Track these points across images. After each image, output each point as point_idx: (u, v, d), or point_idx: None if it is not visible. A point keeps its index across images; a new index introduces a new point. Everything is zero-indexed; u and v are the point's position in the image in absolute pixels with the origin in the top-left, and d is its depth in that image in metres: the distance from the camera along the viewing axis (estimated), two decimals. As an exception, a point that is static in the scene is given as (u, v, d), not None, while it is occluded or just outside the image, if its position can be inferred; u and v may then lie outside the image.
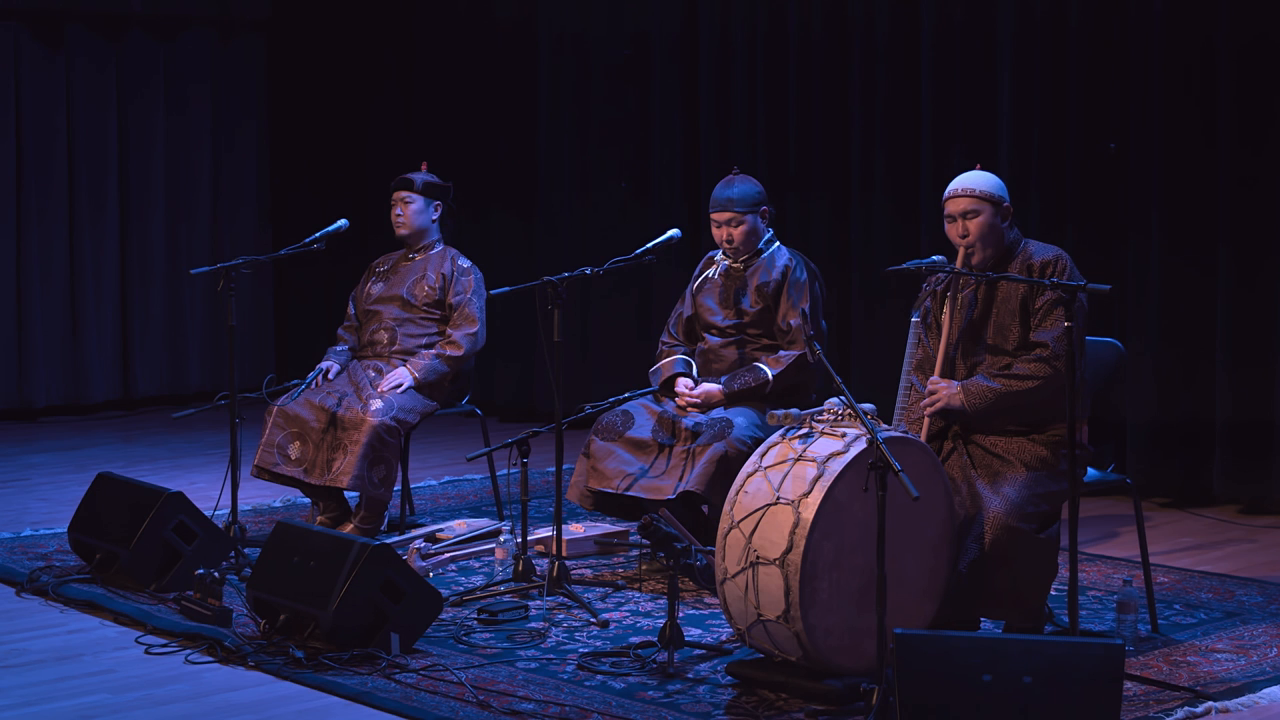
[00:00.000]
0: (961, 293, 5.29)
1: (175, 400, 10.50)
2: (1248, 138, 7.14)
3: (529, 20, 9.76)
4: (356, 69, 10.69)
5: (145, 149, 10.40)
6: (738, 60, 8.84)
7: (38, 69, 9.99)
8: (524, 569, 5.90)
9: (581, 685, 4.93)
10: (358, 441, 6.57)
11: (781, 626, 4.69)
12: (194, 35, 10.55)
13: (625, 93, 9.40)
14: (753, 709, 4.71)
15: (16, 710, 4.80)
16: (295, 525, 5.56)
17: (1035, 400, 5.13)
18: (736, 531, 4.79)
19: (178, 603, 5.67)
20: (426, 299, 7.00)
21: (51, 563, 6.37)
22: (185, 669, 5.15)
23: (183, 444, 9.14)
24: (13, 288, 10.00)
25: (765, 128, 8.73)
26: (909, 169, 8.21)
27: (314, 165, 10.87)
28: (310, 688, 4.94)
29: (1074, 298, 4.87)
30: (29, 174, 10.01)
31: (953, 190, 5.29)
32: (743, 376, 6.25)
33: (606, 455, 6.18)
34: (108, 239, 10.29)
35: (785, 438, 4.90)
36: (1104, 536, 6.83)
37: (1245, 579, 6.15)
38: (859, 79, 8.35)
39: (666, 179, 9.24)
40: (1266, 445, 7.16)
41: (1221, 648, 5.26)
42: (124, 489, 6.20)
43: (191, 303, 10.61)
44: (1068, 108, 7.62)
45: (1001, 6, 7.79)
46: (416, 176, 7.05)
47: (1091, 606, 5.73)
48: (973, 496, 5.01)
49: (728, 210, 6.30)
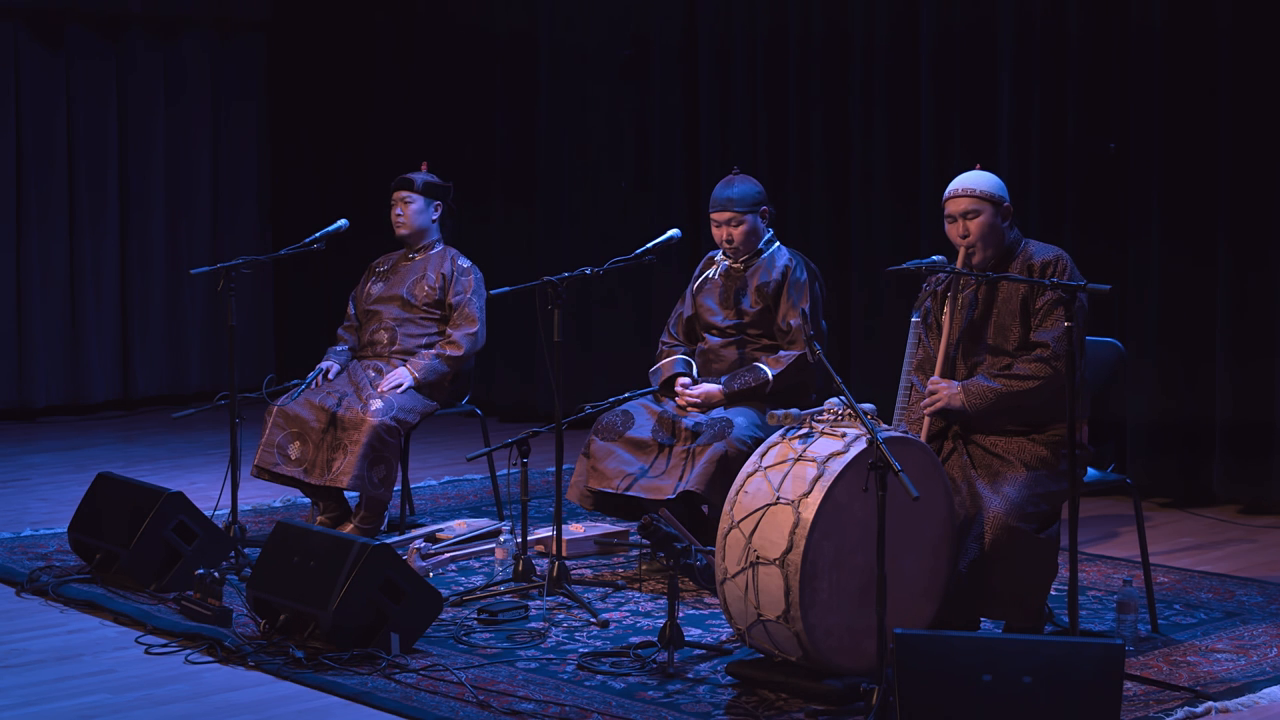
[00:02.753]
0: (962, 293, 5.29)
1: (175, 400, 10.51)
2: (1248, 137, 7.14)
3: (529, 20, 9.76)
4: (356, 69, 10.69)
5: (145, 149, 10.40)
6: (738, 60, 8.84)
7: (38, 69, 9.99)
8: (524, 569, 5.90)
9: (581, 685, 4.93)
10: (358, 441, 6.57)
11: (781, 626, 4.69)
12: (194, 35, 10.55)
13: (625, 93, 9.40)
14: (753, 709, 4.71)
15: (16, 710, 4.80)
16: (295, 525, 5.56)
17: (1036, 400, 5.13)
18: (736, 531, 4.79)
19: (178, 603, 5.67)
20: (426, 299, 7.00)
21: (51, 563, 6.37)
22: (185, 669, 5.15)
23: (183, 444, 9.14)
24: (13, 287, 10.00)
25: (765, 128, 8.73)
26: (909, 169, 8.21)
27: (314, 165, 10.87)
28: (310, 688, 4.94)
29: (1074, 298, 4.87)
30: (29, 174, 10.02)
31: (953, 190, 5.29)
32: (743, 376, 6.25)
33: (606, 455, 6.18)
34: (108, 239, 10.29)
35: (785, 438, 4.90)
36: (1104, 536, 6.83)
37: (1245, 579, 6.15)
38: (859, 79, 8.36)
39: (666, 179, 9.24)
40: (1266, 445, 7.16)
41: (1221, 648, 5.26)
42: (124, 489, 6.20)
43: (191, 303, 10.61)
44: (1068, 108, 7.62)
45: (1001, 7, 7.79)
46: (416, 176, 7.05)
47: (1091, 606, 5.73)
48: (973, 496, 5.01)
49: (728, 210, 6.30)
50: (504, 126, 9.95)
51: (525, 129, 9.83)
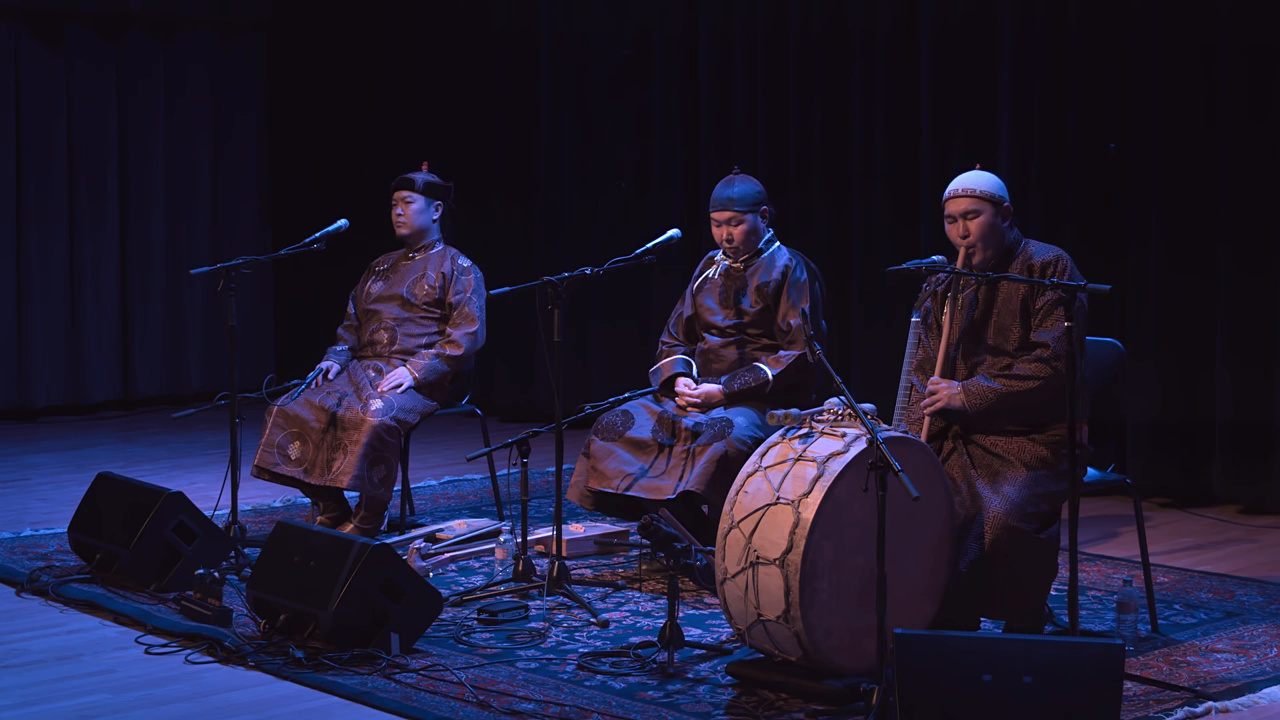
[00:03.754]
0: (962, 293, 5.29)
1: (175, 400, 10.51)
2: (1248, 137, 7.14)
3: (529, 20, 9.76)
4: (356, 69, 10.69)
5: (145, 149, 10.40)
6: (738, 60, 8.84)
7: (38, 69, 9.99)
8: (524, 569, 5.90)
9: (581, 685, 4.93)
10: (358, 441, 6.57)
11: (781, 626, 4.69)
12: (194, 35, 10.55)
13: (625, 93, 9.40)
14: (753, 709, 4.71)
15: (16, 710, 4.80)
16: (295, 525, 5.56)
17: (1036, 400, 5.13)
18: (736, 531, 4.79)
19: (178, 603, 5.67)
20: (426, 298, 7.00)
21: (51, 563, 6.37)
22: (185, 669, 5.15)
23: (183, 444, 9.14)
24: (13, 288, 10.00)
25: (765, 128, 8.73)
26: (909, 169, 8.21)
27: (314, 165, 10.87)
28: (310, 688, 4.94)
29: (1074, 298, 4.86)
30: (29, 174, 10.02)
31: (953, 190, 5.29)
32: (743, 376, 6.25)
33: (606, 455, 6.18)
34: (107, 239, 10.29)
35: (785, 438, 4.90)
36: (1104, 536, 6.83)
37: (1245, 579, 6.15)
38: (859, 79, 8.36)
39: (666, 179, 9.24)
40: (1266, 445, 7.16)
41: (1221, 648, 5.26)
42: (124, 489, 6.20)
43: (191, 303, 10.61)
44: (1068, 108, 7.62)
45: (1001, 6, 7.79)
46: (417, 176, 7.05)
47: (1091, 606, 5.73)
48: (973, 496, 5.01)
49: (728, 210, 6.30)
50: (504, 126, 9.96)
51: (525, 129, 9.83)
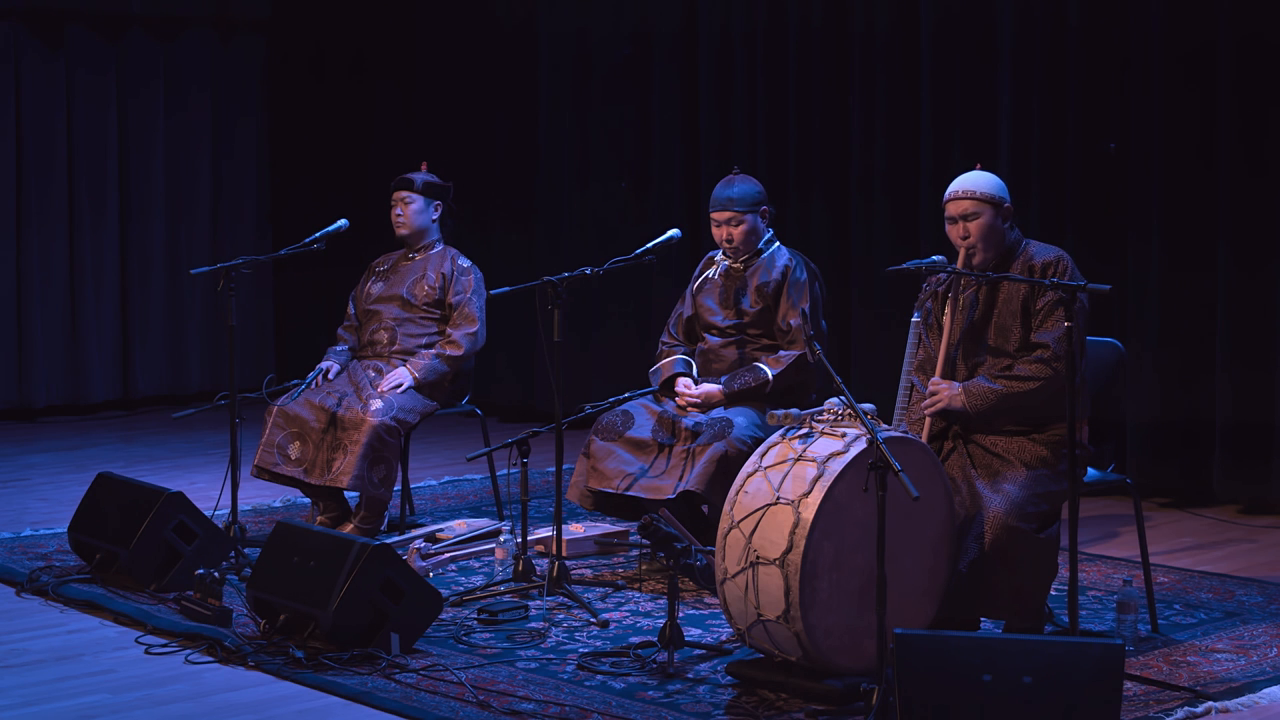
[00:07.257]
0: (962, 293, 5.29)
1: (175, 400, 10.50)
2: (1248, 137, 7.14)
3: (529, 19, 9.76)
4: (356, 69, 10.69)
5: (145, 149, 10.40)
6: (737, 60, 8.84)
7: (38, 69, 9.99)
8: (524, 569, 5.90)
9: (581, 685, 4.93)
10: (358, 441, 6.57)
11: (781, 626, 4.69)
12: (194, 35, 10.55)
13: (625, 92, 9.40)
14: (753, 709, 4.71)
15: (16, 710, 4.80)
16: (295, 525, 5.56)
17: (1036, 401, 5.13)
18: (736, 531, 4.79)
19: (178, 603, 5.67)
20: (426, 299, 7.00)
21: (51, 563, 6.37)
22: (185, 669, 5.15)
23: (183, 444, 9.14)
24: (13, 288, 10.00)
25: (765, 128, 8.73)
26: (909, 169, 8.21)
27: (314, 165, 10.86)
28: (310, 688, 4.94)
29: (1074, 298, 4.86)
30: (29, 174, 10.01)
31: (953, 192, 5.29)
32: (743, 376, 6.25)
33: (606, 455, 6.18)
34: (108, 239, 10.29)
35: (785, 438, 4.90)
36: (1104, 536, 6.83)
37: (1245, 579, 6.15)
38: (859, 79, 8.36)
39: (666, 179, 9.24)
40: (1266, 445, 7.16)
41: (1221, 648, 5.26)
42: (124, 489, 6.20)
43: (191, 303, 10.61)
44: (1068, 108, 7.62)
45: (1001, 6, 7.79)
46: (417, 176, 7.05)
47: (1091, 606, 5.73)
48: (973, 496, 5.01)
49: (728, 210, 6.30)
50: (504, 126, 9.95)
51: (525, 129, 9.83)
